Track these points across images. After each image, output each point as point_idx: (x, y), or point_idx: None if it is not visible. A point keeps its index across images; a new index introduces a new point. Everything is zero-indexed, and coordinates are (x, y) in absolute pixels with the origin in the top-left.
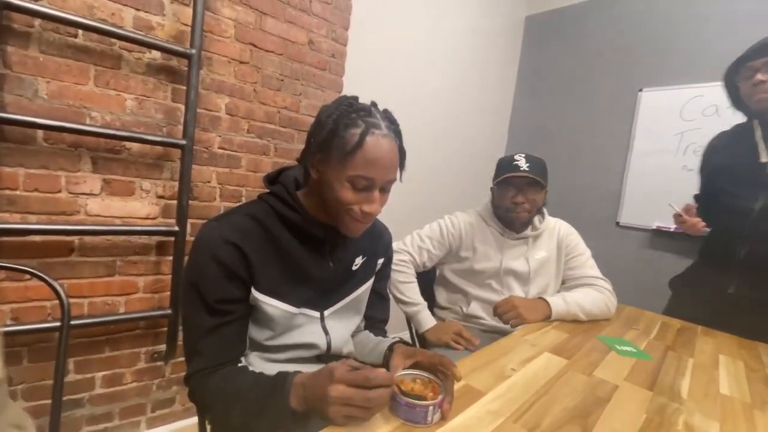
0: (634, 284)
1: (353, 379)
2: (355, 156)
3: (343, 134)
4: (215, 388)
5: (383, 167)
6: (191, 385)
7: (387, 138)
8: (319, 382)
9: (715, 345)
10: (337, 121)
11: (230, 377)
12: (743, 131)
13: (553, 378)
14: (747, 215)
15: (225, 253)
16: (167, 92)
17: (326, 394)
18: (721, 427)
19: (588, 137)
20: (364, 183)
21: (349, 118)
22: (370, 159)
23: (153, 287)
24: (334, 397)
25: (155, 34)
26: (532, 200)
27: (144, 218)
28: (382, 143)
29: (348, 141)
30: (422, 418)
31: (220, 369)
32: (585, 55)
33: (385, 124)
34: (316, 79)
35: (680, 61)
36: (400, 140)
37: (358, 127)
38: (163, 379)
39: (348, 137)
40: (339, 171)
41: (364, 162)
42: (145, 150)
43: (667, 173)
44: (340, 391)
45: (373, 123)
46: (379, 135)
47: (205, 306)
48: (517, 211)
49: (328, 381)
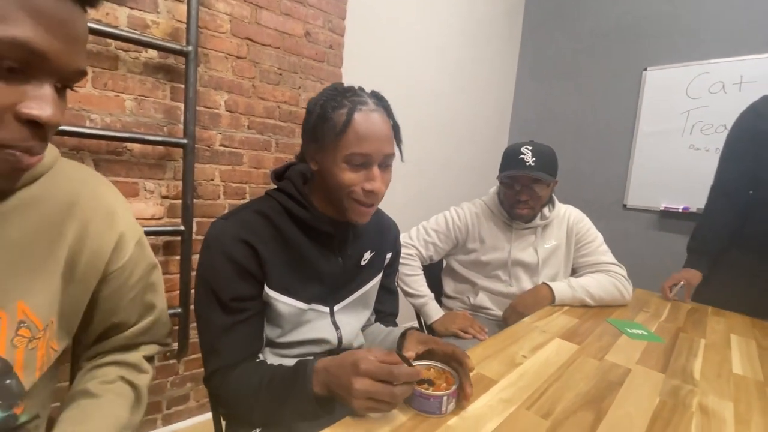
0: (643, 266)
1: (378, 373)
2: (346, 133)
3: (331, 116)
4: (236, 385)
5: (377, 140)
6: (212, 384)
7: (376, 112)
8: (344, 371)
9: (726, 325)
10: (324, 105)
11: (250, 372)
12: None
13: (564, 364)
14: None
15: (237, 251)
16: (166, 91)
17: (351, 386)
18: (735, 406)
19: (592, 119)
20: (360, 160)
21: (335, 101)
22: (362, 134)
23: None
24: (359, 390)
25: (151, 33)
26: (537, 197)
27: (149, 219)
28: (372, 117)
29: (337, 121)
30: (436, 408)
31: (239, 366)
32: (587, 35)
33: (372, 101)
34: (314, 72)
35: (685, 38)
36: (391, 113)
37: (345, 106)
38: (176, 376)
39: (336, 118)
40: (334, 154)
41: (356, 138)
42: (146, 150)
43: (673, 153)
44: (365, 384)
45: (360, 100)
46: (367, 110)
47: (220, 305)
48: (519, 207)
49: (353, 372)
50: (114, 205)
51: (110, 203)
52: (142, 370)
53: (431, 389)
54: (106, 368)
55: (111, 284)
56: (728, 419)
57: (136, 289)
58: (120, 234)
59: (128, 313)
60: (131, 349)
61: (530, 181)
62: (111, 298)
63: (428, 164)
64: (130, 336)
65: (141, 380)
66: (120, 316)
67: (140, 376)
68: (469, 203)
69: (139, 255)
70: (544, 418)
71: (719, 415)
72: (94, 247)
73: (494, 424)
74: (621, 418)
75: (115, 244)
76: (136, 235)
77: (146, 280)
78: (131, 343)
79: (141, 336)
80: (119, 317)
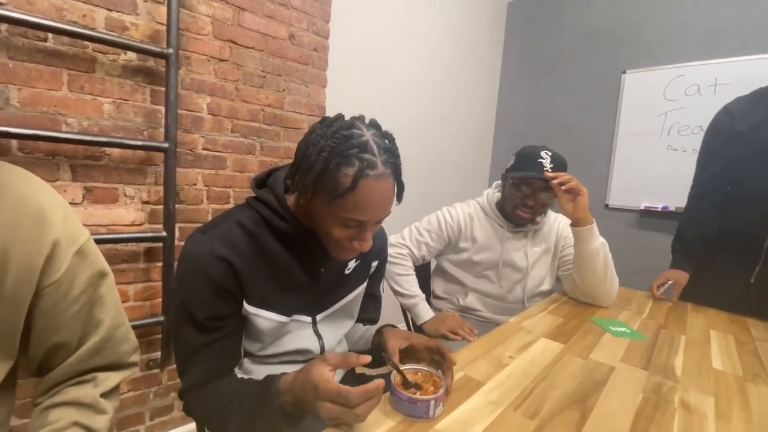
0: (625, 265)
1: (336, 399)
2: (346, 199)
3: (334, 175)
4: (208, 402)
5: (377, 210)
6: (186, 400)
7: (382, 178)
8: (307, 395)
9: (705, 321)
10: (327, 159)
11: (221, 389)
12: None
13: (550, 364)
14: None
15: (214, 269)
16: (146, 94)
17: (317, 410)
18: (715, 401)
19: (574, 121)
20: (355, 224)
21: (341, 155)
22: (363, 204)
23: (144, 295)
24: (325, 416)
25: (130, 35)
26: (543, 204)
27: (130, 225)
28: (377, 186)
29: (339, 183)
30: (424, 412)
31: (211, 383)
32: (568, 38)
33: (382, 160)
34: (299, 75)
35: (661, 42)
36: (399, 175)
37: (352, 166)
38: (160, 386)
39: (339, 178)
40: (328, 208)
41: (355, 206)
42: (126, 155)
43: (652, 154)
44: (327, 409)
45: (369, 162)
46: (374, 177)
47: (195, 324)
48: (522, 210)
49: (315, 398)
50: (45, 208)
51: (40, 206)
52: (99, 410)
53: (419, 393)
54: (58, 411)
55: (47, 299)
56: (709, 414)
57: (78, 304)
58: (54, 242)
59: (71, 332)
60: (87, 380)
61: (542, 187)
62: (48, 315)
63: (415, 166)
64: (79, 360)
65: (99, 423)
66: (61, 335)
67: (97, 419)
68: (462, 203)
69: (80, 265)
70: (531, 419)
71: (700, 411)
72: (23, 259)
73: (482, 426)
74: (606, 415)
75: (48, 254)
76: (76, 242)
77: (91, 293)
78: (83, 368)
79: (92, 359)
80: (60, 337)
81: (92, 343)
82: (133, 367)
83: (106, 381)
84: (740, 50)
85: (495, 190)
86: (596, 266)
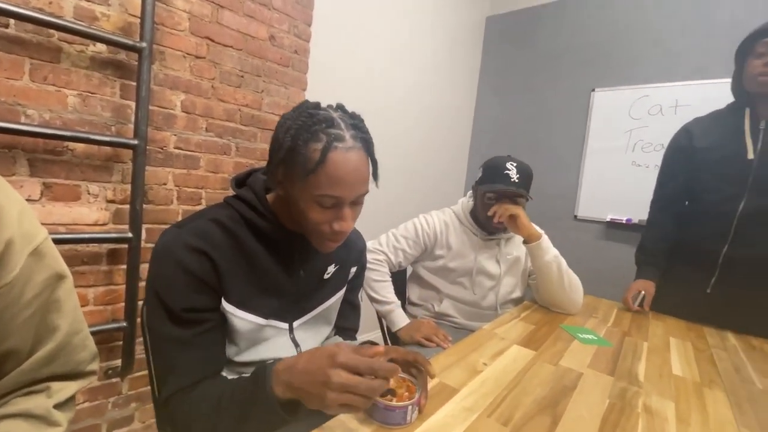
0: (591, 274)
1: (358, 365)
2: (318, 174)
3: (303, 151)
4: (196, 405)
5: (350, 183)
6: (170, 408)
7: (353, 150)
8: (317, 364)
9: (665, 328)
10: (295, 136)
11: (210, 389)
12: (729, 122)
13: (522, 370)
14: (731, 216)
15: (192, 261)
16: (115, 88)
17: (328, 379)
18: (676, 406)
19: (546, 135)
20: (331, 202)
21: (309, 131)
22: (335, 176)
23: (105, 299)
24: (337, 383)
25: (100, 26)
26: None
27: (93, 225)
28: (348, 157)
29: (309, 158)
30: (401, 418)
31: (200, 385)
32: (542, 55)
33: (350, 134)
34: (278, 76)
35: (627, 63)
36: (370, 149)
37: (320, 141)
38: (119, 396)
39: (309, 154)
40: (303, 190)
41: (328, 180)
42: (91, 151)
43: (618, 169)
44: (343, 377)
45: (336, 135)
46: (343, 149)
47: (173, 318)
48: (494, 220)
49: (330, 365)
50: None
51: None
52: (52, 422)
53: (394, 400)
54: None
55: None
56: (670, 418)
57: (31, 308)
58: (7, 241)
59: (23, 338)
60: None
61: (512, 197)
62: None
63: (394, 173)
64: (31, 368)
65: None
66: (12, 341)
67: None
68: (438, 211)
69: (36, 266)
70: (505, 425)
71: (662, 415)
72: None
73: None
74: (575, 421)
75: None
76: (31, 242)
77: (47, 297)
78: (36, 377)
79: (46, 367)
80: (11, 343)
81: (46, 351)
82: (91, 376)
83: (61, 391)
84: (698, 74)
85: (469, 198)
86: (552, 277)
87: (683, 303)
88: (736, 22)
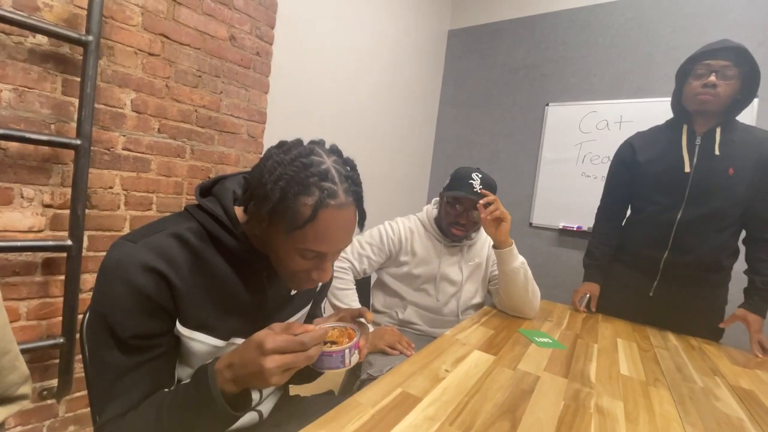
0: (546, 279)
1: (286, 347)
2: (305, 230)
3: (292, 204)
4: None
5: (338, 240)
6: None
7: (344, 207)
8: (249, 356)
9: (613, 330)
10: (285, 188)
11: (145, 408)
12: (668, 137)
13: (483, 375)
14: (670, 225)
15: (147, 284)
16: (56, 84)
17: (262, 369)
18: (624, 405)
19: (504, 146)
20: (314, 255)
21: (301, 184)
22: (323, 234)
23: (40, 313)
24: (271, 369)
25: (41, 16)
26: (474, 222)
27: (26, 231)
28: (339, 216)
29: (299, 213)
30: (340, 362)
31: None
32: (500, 70)
33: (343, 189)
34: (239, 78)
35: (577, 80)
36: (361, 203)
37: (311, 195)
38: (56, 419)
39: (298, 208)
40: (286, 239)
41: (315, 237)
42: (26, 151)
43: (569, 179)
44: (277, 361)
45: (329, 191)
46: (335, 206)
47: (119, 345)
48: (455, 228)
49: (260, 354)
50: None
51: None
52: None
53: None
54: None
55: None
56: (620, 417)
57: None
58: None
59: None
60: None
61: (473, 205)
62: None
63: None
64: None
65: None
66: None
67: None
68: (403, 218)
69: None
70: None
71: (612, 414)
72: None
73: None
74: (533, 424)
75: None
76: None
77: None
78: None
79: None
80: None
81: None
82: (23, 400)
83: None
84: (640, 93)
85: (434, 206)
86: (518, 283)
87: (629, 305)
88: (675, 47)
